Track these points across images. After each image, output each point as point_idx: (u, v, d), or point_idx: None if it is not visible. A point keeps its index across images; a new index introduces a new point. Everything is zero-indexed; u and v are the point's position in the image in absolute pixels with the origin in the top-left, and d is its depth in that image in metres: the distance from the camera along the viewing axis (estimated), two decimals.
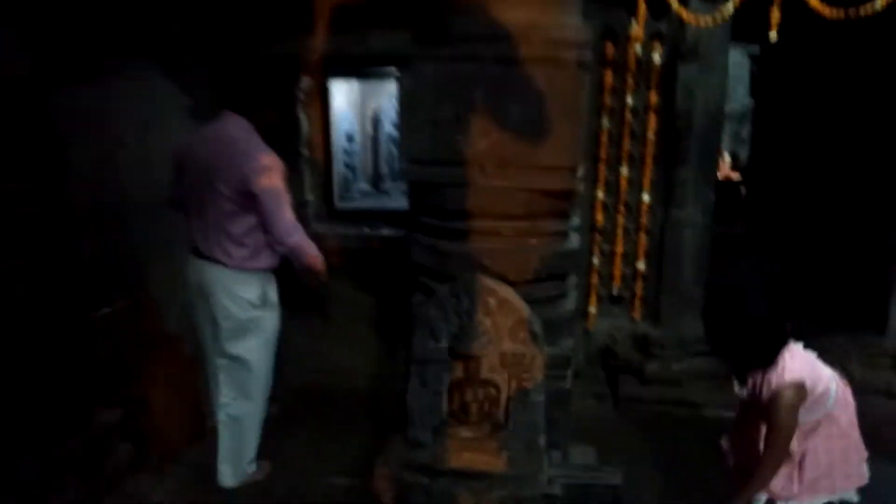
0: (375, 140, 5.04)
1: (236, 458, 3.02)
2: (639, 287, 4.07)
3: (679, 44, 3.70)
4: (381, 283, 4.28)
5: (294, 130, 4.17)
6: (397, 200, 4.66)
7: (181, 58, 3.88)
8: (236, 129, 2.69)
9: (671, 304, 4.01)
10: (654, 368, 3.99)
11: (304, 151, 4.21)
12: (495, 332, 1.91)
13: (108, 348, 3.24)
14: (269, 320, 2.90)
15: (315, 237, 4.16)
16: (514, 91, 1.91)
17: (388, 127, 4.99)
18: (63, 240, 3.01)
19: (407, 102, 1.99)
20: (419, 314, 2.01)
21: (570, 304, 2.13)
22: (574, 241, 2.14)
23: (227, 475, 3.04)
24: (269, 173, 2.56)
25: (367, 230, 4.26)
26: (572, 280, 2.19)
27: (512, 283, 1.99)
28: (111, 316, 3.30)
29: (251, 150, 2.61)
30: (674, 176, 3.89)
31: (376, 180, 5.09)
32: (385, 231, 4.25)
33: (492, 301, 1.91)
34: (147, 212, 3.70)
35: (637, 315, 4.11)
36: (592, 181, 3.94)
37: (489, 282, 1.92)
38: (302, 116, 4.21)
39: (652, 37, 3.73)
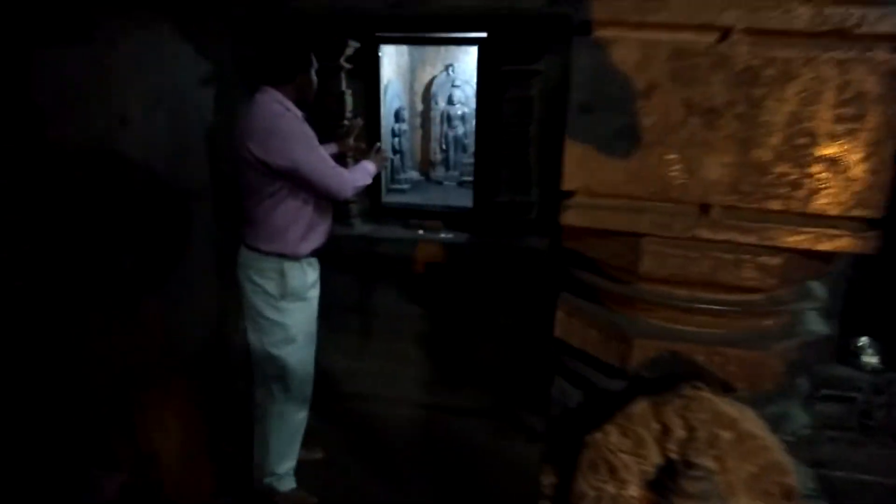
0: (426, 119, 4.25)
1: (262, 455, 2.72)
2: None
3: None
4: (436, 294, 3.55)
5: (336, 107, 3.40)
6: (454, 195, 3.90)
7: (199, 15, 3.09)
8: (267, 101, 2.42)
9: None
10: None
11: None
12: (726, 483, 1.17)
13: (103, 388, 2.53)
14: (295, 313, 2.59)
15: (358, 239, 3.51)
16: (777, 87, 1.13)
17: (443, 103, 4.18)
18: (44, 247, 2.28)
19: (580, 97, 1.19)
20: (590, 442, 1.26)
21: (802, 417, 1.39)
22: (818, 320, 1.39)
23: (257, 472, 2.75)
24: (298, 142, 2.36)
25: (421, 232, 3.51)
26: (804, 385, 1.44)
27: (731, 390, 1.24)
28: (106, 345, 2.58)
29: (279, 120, 2.37)
30: None
31: (426, 168, 4.31)
32: (444, 234, 3.50)
33: (726, 435, 1.16)
34: (156, 207, 2.96)
35: None
36: None
37: (722, 402, 1.17)
38: (346, 90, 3.44)
39: None
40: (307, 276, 2.60)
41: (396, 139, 3.91)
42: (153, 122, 2.84)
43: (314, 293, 2.69)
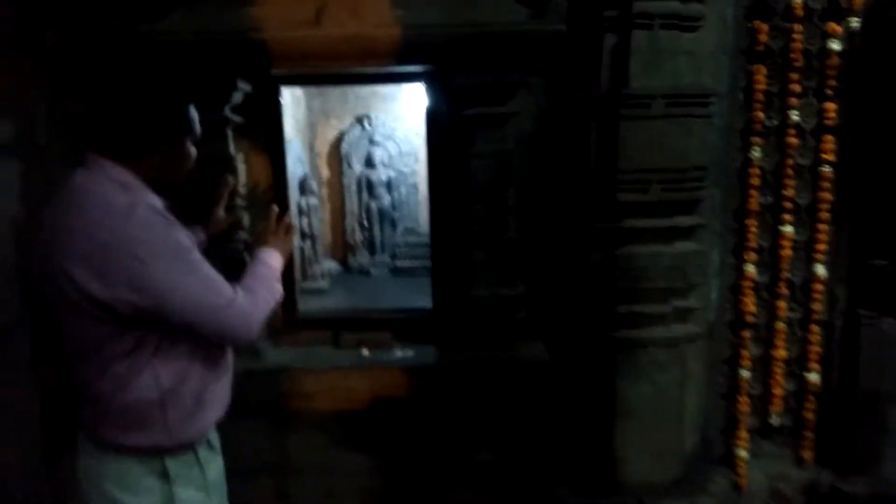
0: (337, 188, 3.19)
1: None
2: (810, 411, 2.58)
3: (876, 22, 2.35)
4: (388, 437, 2.47)
5: (223, 178, 2.29)
6: (394, 290, 2.85)
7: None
8: (101, 184, 1.42)
9: (867, 439, 2.55)
10: None
11: (243, 216, 2.31)
12: None
13: None
14: None
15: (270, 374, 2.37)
16: None
17: (359, 166, 3.14)
18: None
19: None
20: None
21: None
22: None
23: None
24: (164, 261, 1.37)
25: (365, 353, 2.43)
26: None
27: None
28: None
29: (128, 221, 1.36)
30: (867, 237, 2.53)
31: (343, 254, 3.22)
32: (399, 352, 2.44)
33: None
34: None
35: (808, 455, 2.61)
36: (738, 247, 2.48)
37: None
38: (236, 154, 2.34)
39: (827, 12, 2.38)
40: (207, 470, 1.59)
41: (304, 218, 2.82)
42: None
43: (219, 493, 1.65)
